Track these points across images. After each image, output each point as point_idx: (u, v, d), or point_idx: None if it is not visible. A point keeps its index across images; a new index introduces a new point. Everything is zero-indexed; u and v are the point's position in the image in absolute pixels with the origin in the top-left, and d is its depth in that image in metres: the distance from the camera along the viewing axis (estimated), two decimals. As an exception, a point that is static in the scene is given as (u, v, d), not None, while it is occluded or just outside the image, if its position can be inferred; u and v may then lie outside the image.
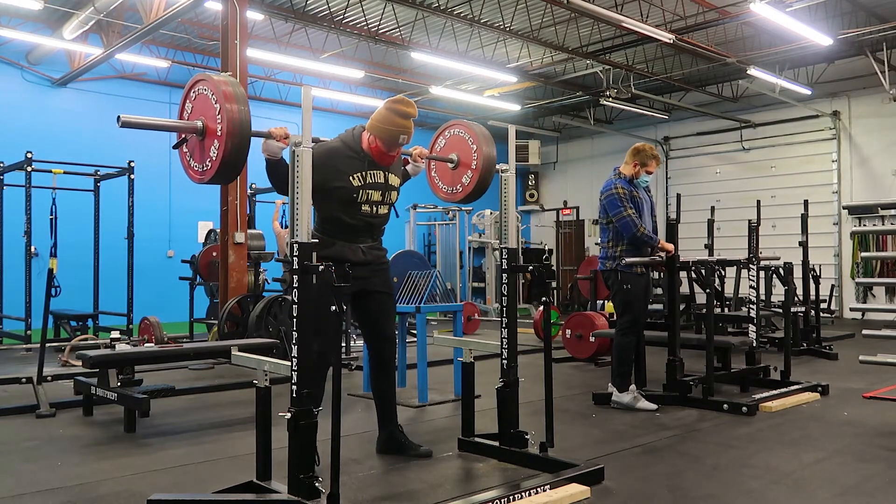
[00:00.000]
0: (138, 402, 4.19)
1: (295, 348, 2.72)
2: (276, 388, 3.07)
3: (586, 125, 15.67)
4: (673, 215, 5.79)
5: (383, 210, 3.61)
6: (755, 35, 11.22)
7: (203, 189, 11.70)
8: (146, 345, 6.82)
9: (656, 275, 6.96)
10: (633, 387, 4.88)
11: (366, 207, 3.52)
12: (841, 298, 12.59)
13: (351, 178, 3.46)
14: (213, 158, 2.80)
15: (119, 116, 2.73)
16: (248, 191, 9.04)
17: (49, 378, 5.31)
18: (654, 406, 4.80)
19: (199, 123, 2.85)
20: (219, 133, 2.76)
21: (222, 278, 7.83)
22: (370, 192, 3.51)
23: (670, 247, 4.98)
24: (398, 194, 3.70)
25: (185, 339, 8.26)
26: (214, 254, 8.53)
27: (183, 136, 2.95)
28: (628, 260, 4.83)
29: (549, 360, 3.53)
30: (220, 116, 2.76)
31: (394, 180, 3.64)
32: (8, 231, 9.06)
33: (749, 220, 5.80)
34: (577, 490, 3.05)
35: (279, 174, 3.18)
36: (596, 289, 8.21)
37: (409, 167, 3.88)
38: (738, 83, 13.30)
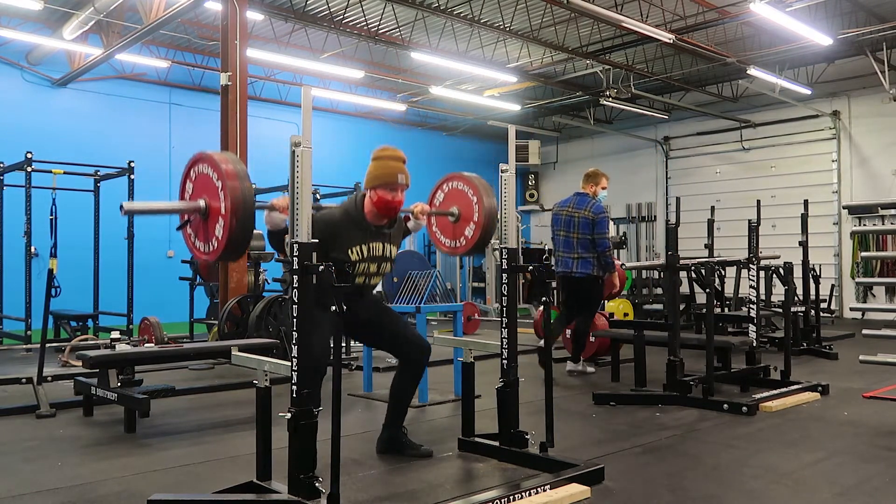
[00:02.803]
0: (138, 403, 4.19)
1: (295, 348, 2.72)
2: (276, 388, 3.07)
3: (586, 125, 15.67)
4: (672, 218, 5.86)
5: (376, 279, 3.64)
6: (755, 35, 11.22)
7: (203, 189, 11.47)
8: (146, 345, 6.82)
9: (656, 274, 7.45)
10: (581, 360, 6.36)
11: (360, 279, 3.53)
12: (841, 298, 12.59)
13: (350, 251, 3.45)
14: (219, 238, 2.74)
15: (122, 205, 2.73)
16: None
17: (49, 378, 5.30)
18: (592, 369, 6.38)
19: (202, 203, 2.79)
20: (223, 212, 2.71)
21: (222, 278, 7.83)
22: (366, 265, 3.52)
23: (615, 283, 6.35)
24: (393, 264, 3.70)
25: (185, 340, 8.26)
26: (214, 254, 8.52)
27: (186, 217, 2.90)
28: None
29: (549, 359, 3.53)
30: (223, 195, 2.71)
31: (392, 251, 3.64)
32: (8, 231, 9.06)
33: (749, 220, 5.81)
34: (578, 490, 3.05)
35: (280, 241, 3.16)
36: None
37: (409, 224, 3.83)
38: (738, 83, 13.31)
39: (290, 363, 2.75)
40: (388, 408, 3.75)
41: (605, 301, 9.03)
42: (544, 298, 3.57)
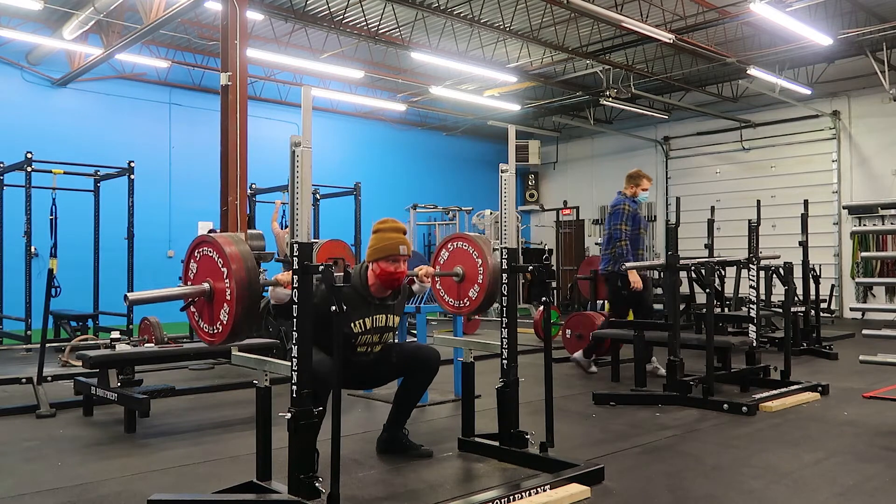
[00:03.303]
0: (138, 403, 4.19)
1: (295, 348, 2.72)
2: (276, 388, 3.07)
3: (586, 125, 15.66)
4: (672, 218, 5.90)
5: (377, 349, 3.64)
6: (755, 35, 11.22)
7: (203, 189, 11.73)
8: (146, 345, 6.81)
9: (656, 275, 7.46)
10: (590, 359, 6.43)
11: (361, 349, 3.55)
12: (841, 298, 12.59)
13: (354, 324, 3.46)
14: (224, 322, 2.75)
15: (126, 295, 2.74)
16: (248, 191, 9.04)
17: (49, 378, 5.31)
18: (595, 370, 6.43)
19: (207, 287, 2.79)
20: (228, 297, 2.71)
21: (222, 278, 7.81)
22: (368, 336, 3.54)
23: (636, 281, 6.08)
24: (396, 332, 3.72)
25: (185, 340, 8.24)
26: (214, 254, 8.51)
27: (191, 298, 2.89)
28: (629, 265, 5.74)
29: (549, 360, 3.54)
30: (227, 280, 2.71)
31: (394, 321, 3.65)
32: (8, 231, 9.06)
33: (749, 220, 5.81)
34: (578, 490, 3.05)
35: (285, 314, 3.05)
36: (596, 289, 8.20)
37: (414, 286, 3.80)
38: (738, 83, 13.31)
39: (290, 363, 2.75)
40: (392, 410, 3.75)
41: (605, 301, 9.05)
42: (544, 298, 3.57)
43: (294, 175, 2.73)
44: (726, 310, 7.91)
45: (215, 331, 2.81)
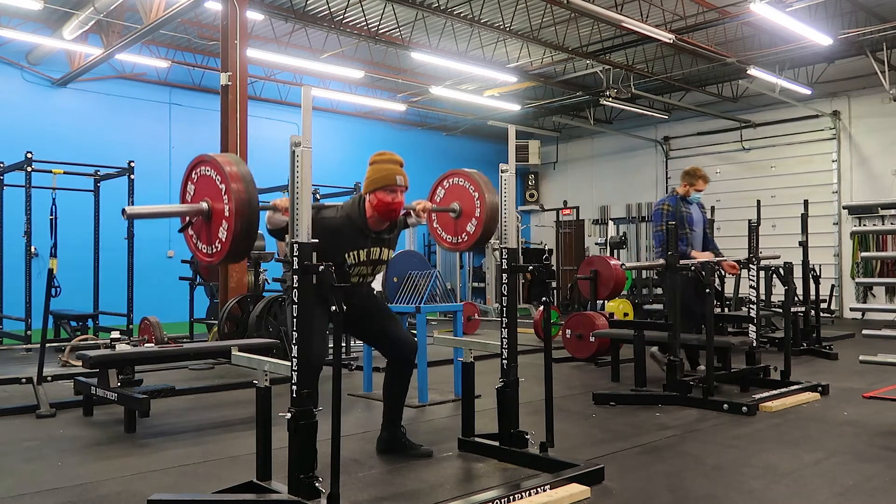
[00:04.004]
0: (138, 403, 4.19)
1: (295, 348, 2.72)
2: (276, 388, 3.07)
3: (586, 125, 15.67)
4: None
5: (369, 279, 3.67)
6: (755, 35, 11.22)
7: (203, 189, 11.41)
8: (146, 345, 6.82)
9: (656, 274, 7.35)
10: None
11: (354, 279, 3.55)
12: (841, 298, 12.59)
13: (348, 255, 3.47)
14: (223, 240, 2.74)
15: (124, 209, 2.71)
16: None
17: (49, 378, 5.31)
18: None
19: (205, 206, 2.78)
20: (227, 214, 2.70)
21: (222, 278, 7.83)
22: (362, 268, 3.55)
23: (703, 255, 5.73)
24: (387, 265, 3.75)
25: (185, 340, 8.26)
26: (214, 254, 8.51)
27: (188, 219, 2.88)
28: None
29: (549, 360, 3.53)
30: (226, 197, 2.69)
31: (388, 255, 3.67)
32: (8, 231, 9.06)
33: (749, 220, 5.80)
34: (578, 490, 3.05)
35: (281, 235, 3.20)
36: (596, 289, 8.19)
37: (410, 220, 3.80)
38: (738, 83, 13.31)
39: (290, 363, 2.75)
40: (384, 408, 3.76)
41: (605, 301, 9.06)
42: (544, 298, 3.57)
43: (294, 175, 2.73)
44: (726, 310, 7.91)
45: (213, 250, 2.80)
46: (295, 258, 2.68)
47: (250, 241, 2.75)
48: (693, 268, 5.23)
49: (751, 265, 5.53)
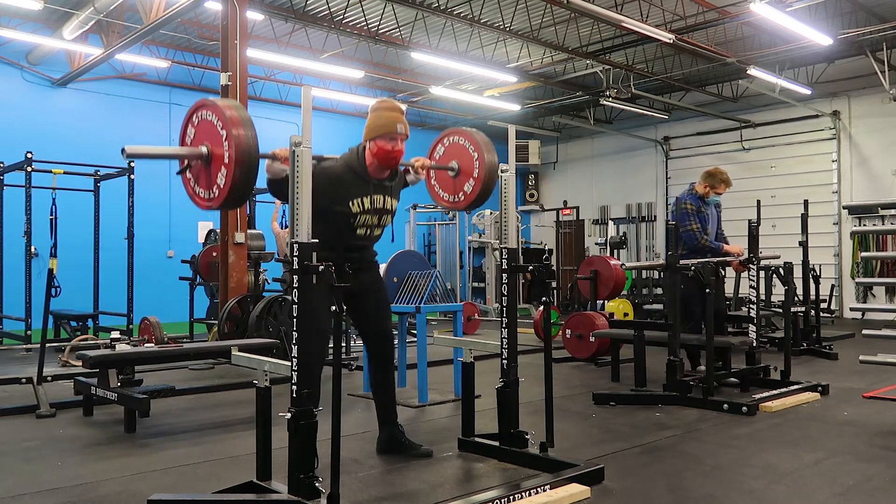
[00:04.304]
0: (138, 403, 4.19)
1: (295, 348, 2.72)
2: (276, 388, 3.07)
3: (586, 125, 15.67)
4: (672, 218, 5.82)
5: (377, 232, 3.65)
6: (755, 35, 11.22)
7: (203, 189, 11.39)
8: (146, 345, 6.82)
9: (656, 274, 7.31)
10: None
11: (361, 231, 3.54)
12: (841, 298, 12.59)
13: (351, 203, 3.46)
14: (221, 186, 2.71)
15: (123, 148, 2.68)
16: (248, 191, 9.02)
17: (49, 378, 5.31)
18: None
19: (205, 150, 2.77)
20: (226, 160, 2.68)
21: (222, 278, 7.83)
22: (367, 216, 3.52)
23: (738, 248, 5.74)
24: (394, 216, 3.71)
25: (185, 339, 8.26)
26: (214, 254, 8.53)
27: (186, 162, 2.87)
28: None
29: (549, 360, 3.53)
30: (226, 143, 2.67)
31: (392, 204, 3.65)
32: (8, 231, 9.06)
33: (749, 220, 5.80)
34: (577, 490, 3.05)
35: (281, 189, 3.16)
36: (596, 289, 8.19)
37: (409, 177, 3.84)
38: (738, 83, 13.31)
39: (290, 363, 2.75)
40: (376, 407, 3.76)
41: (605, 301, 9.05)
42: (544, 298, 3.57)
43: (294, 175, 2.73)
44: (726, 310, 7.90)
45: (211, 195, 2.77)
46: (295, 258, 2.68)
47: (248, 187, 2.73)
48: (693, 268, 5.23)
49: (751, 265, 5.53)
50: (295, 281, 2.70)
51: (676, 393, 4.96)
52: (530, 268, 3.54)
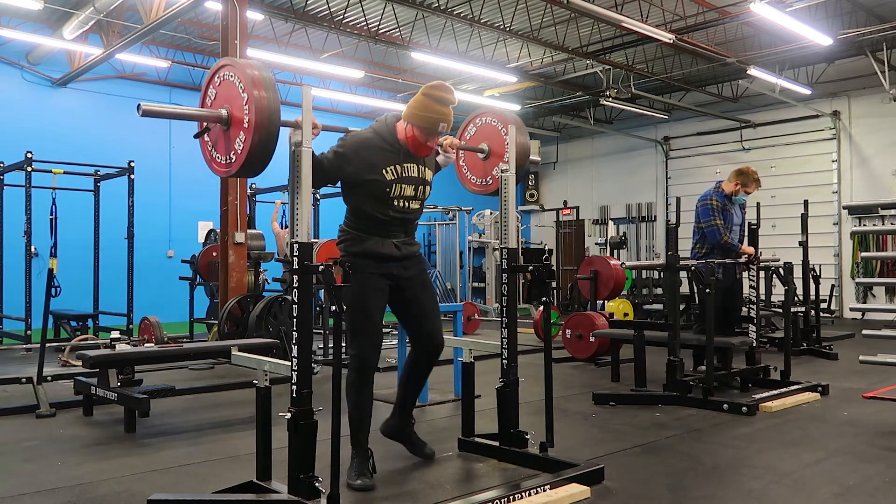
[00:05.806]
0: (138, 402, 4.19)
1: (295, 348, 2.72)
2: (276, 388, 3.07)
3: (586, 125, 15.67)
4: (672, 218, 5.79)
5: (415, 205, 3.42)
6: (755, 35, 11.22)
7: (203, 189, 11.73)
8: (146, 345, 6.82)
9: (656, 274, 7.26)
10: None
11: (398, 203, 3.32)
12: (841, 298, 12.58)
13: (384, 171, 3.26)
14: (239, 151, 2.63)
15: (139, 105, 2.60)
16: (248, 191, 9.04)
17: (49, 378, 5.30)
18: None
19: (224, 112, 2.69)
20: (245, 124, 2.59)
21: (222, 278, 7.83)
22: (403, 186, 3.32)
23: (750, 250, 5.64)
24: (431, 189, 3.51)
25: (185, 339, 8.26)
26: (214, 254, 8.53)
27: (205, 125, 2.79)
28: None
29: (549, 360, 3.53)
30: (247, 106, 2.58)
31: (427, 174, 3.45)
32: (8, 231, 9.06)
33: (749, 221, 5.80)
34: (577, 490, 3.05)
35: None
36: (596, 289, 8.20)
37: (439, 158, 3.68)
38: (738, 83, 13.31)
39: (290, 363, 2.74)
40: (398, 394, 3.65)
41: (605, 301, 9.06)
42: (544, 298, 3.57)
43: (294, 175, 2.73)
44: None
45: (228, 161, 2.69)
46: (295, 258, 2.68)
47: (267, 154, 2.63)
48: (693, 268, 5.23)
49: (751, 265, 5.53)
50: (295, 281, 2.69)
51: (676, 393, 4.96)
52: (530, 268, 3.53)
